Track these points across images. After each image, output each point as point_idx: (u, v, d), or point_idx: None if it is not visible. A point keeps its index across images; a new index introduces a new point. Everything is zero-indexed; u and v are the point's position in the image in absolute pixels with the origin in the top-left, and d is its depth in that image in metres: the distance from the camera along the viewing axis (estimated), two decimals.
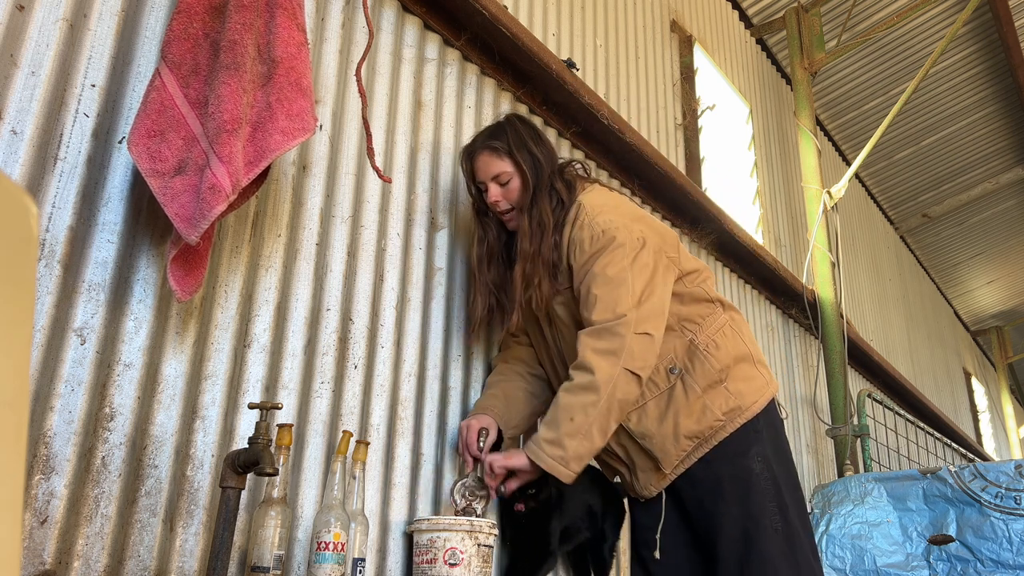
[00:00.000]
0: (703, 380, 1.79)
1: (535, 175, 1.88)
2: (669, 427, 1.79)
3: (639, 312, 1.71)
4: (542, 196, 1.86)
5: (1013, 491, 2.60)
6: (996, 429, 10.47)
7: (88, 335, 1.34)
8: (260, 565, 1.40)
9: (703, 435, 1.78)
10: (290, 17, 1.51)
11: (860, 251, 6.65)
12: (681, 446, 1.78)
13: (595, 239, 1.77)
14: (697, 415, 1.77)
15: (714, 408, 1.77)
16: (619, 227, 1.78)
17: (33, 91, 1.34)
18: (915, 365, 7.33)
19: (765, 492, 1.75)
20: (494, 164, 1.91)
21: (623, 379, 1.68)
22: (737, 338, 1.86)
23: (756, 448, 1.79)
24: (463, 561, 1.71)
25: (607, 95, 3.26)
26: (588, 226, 1.80)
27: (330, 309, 1.81)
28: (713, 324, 1.85)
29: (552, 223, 1.85)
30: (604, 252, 1.75)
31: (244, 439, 1.53)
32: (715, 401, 1.78)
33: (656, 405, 1.81)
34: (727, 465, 1.77)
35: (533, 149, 1.90)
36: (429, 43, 2.35)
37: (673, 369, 1.81)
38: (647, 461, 1.85)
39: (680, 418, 1.78)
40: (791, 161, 5.43)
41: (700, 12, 4.56)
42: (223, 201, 1.30)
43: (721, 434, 1.78)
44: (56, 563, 1.23)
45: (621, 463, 1.94)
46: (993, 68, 6.38)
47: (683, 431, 1.77)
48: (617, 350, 1.68)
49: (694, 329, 1.84)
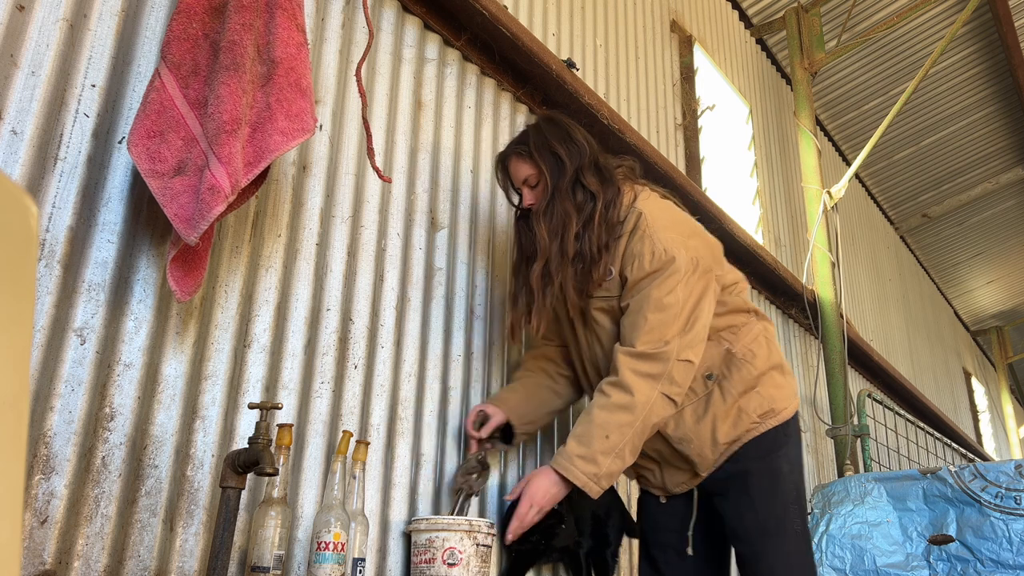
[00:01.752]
0: (739, 386, 1.81)
1: (555, 176, 1.84)
2: (707, 431, 1.80)
3: (683, 339, 1.73)
4: (563, 195, 1.82)
5: (1013, 491, 2.60)
6: (996, 429, 10.47)
7: (88, 335, 1.34)
8: (260, 565, 1.40)
9: (739, 437, 1.80)
10: (290, 17, 1.51)
11: (860, 251, 6.65)
12: (718, 450, 1.80)
13: (656, 257, 1.75)
14: (733, 419, 1.80)
15: (749, 411, 1.80)
16: (679, 248, 1.76)
17: (33, 91, 1.35)
18: (915, 365, 7.33)
19: (788, 493, 1.80)
20: (521, 168, 1.90)
21: (659, 403, 1.71)
22: (771, 348, 1.90)
23: (784, 450, 1.83)
24: (461, 561, 1.71)
25: (607, 95, 3.26)
26: (649, 240, 1.76)
27: (330, 309, 1.81)
28: (749, 334, 1.87)
29: (581, 218, 1.80)
30: (662, 275, 1.73)
31: (244, 439, 1.53)
32: (750, 404, 1.80)
33: (693, 411, 1.82)
34: (756, 462, 1.80)
35: (556, 149, 1.85)
36: (429, 43, 2.35)
37: (710, 376, 1.82)
38: (683, 462, 1.86)
39: (717, 423, 1.80)
40: (791, 161, 5.42)
41: (700, 12, 4.56)
42: (222, 202, 1.30)
43: (753, 433, 1.80)
44: (56, 563, 1.23)
45: (653, 462, 1.93)
46: (993, 68, 6.38)
47: (721, 436, 1.79)
48: (658, 375, 1.70)
49: (731, 339, 1.85)
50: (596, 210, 1.80)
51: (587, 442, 1.70)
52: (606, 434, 1.69)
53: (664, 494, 1.96)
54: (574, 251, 1.80)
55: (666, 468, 1.91)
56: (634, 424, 1.69)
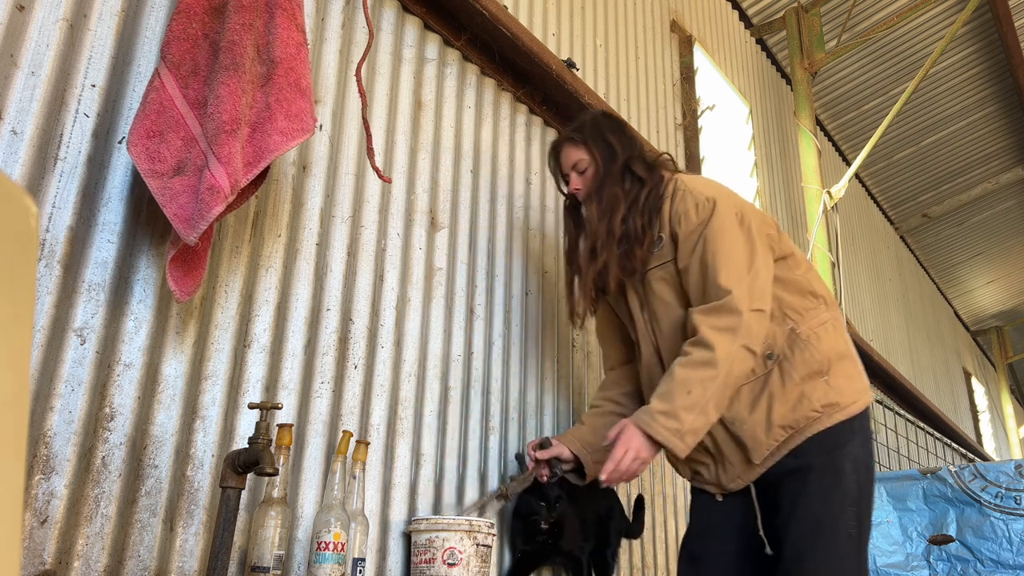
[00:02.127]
0: (802, 369, 1.73)
1: (607, 162, 1.91)
2: (762, 414, 1.72)
3: (752, 289, 1.70)
4: (613, 180, 1.88)
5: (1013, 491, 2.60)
6: (996, 429, 10.47)
7: (88, 335, 1.34)
8: (260, 565, 1.40)
9: (797, 425, 1.71)
10: (289, 17, 1.51)
11: (860, 251, 6.65)
12: (773, 435, 1.71)
13: (700, 207, 1.78)
14: (792, 403, 1.71)
15: (812, 398, 1.71)
16: (720, 195, 1.81)
17: (33, 91, 1.35)
18: (915, 365, 7.33)
19: (848, 494, 1.69)
20: (572, 153, 1.96)
21: (740, 356, 1.66)
22: (839, 336, 1.82)
23: (850, 448, 1.72)
24: (461, 561, 1.71)
25: (607, 95, 3.26)
26: (691, 196, 1.81)
27: (330, 309, 1.81)
28: (816, 318, 1.80)
29: (627, 201, 1.86)
30: (711, 221, 1.76)
31: (244, 439, 1.53)
32: (814, 392, 1.71)
33: (750, 390, 1.75)
34: (819, 457, 1.70)
35: (609, 138, 1.93)
36: (429, 43, 2.35)
37: (771, 355, 1.75)
38: (737, 451, 1.78)
39: (775, 404, 1.71)
40: (791, 161, 5.43)
41: (700, 12, 4.56)
42: (222, 202, 1.30)
43: (816, 426, 1.70)
44: (56, 563, 1.23)
45: (707, 454, 1.85)
46: (993, 68, 6.38)
47: (776, 419, 1.71)
48: (735, 327, 1.66)
49: (796, 319, 1.78)
50: (642, 194, 1.86)
51: (669, 399, 1.66)
52: (688, 390, 1.64)
53: (720, 491, 1.86)
54: (620, 232, 1.84)
55: (721, 461, 1.82)
56: (716, 379, 1.64)
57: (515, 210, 2.53)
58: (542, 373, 2.45)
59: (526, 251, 2.53)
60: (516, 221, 2.52)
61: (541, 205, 2.66)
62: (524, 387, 2.37)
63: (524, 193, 2.59)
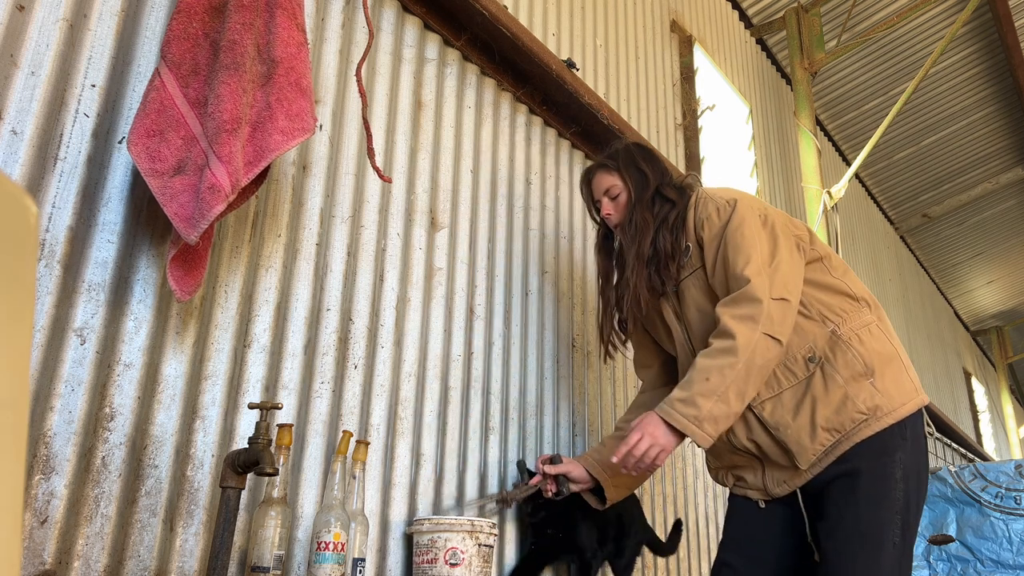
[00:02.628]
0: (846, 371, 1.69)
1: (639, 189, 1.96)
2: (806, 418, 1.68)
3: (774, 279, 1.70)
4: (643, 206, 1.94)
5: (1013, 491, 2.60)
6: (996, 429, 10.47)
7: (88, 335, 1.34)
8: (260, 565, 1.40)
9: (843, 428, 1.66)
10: (290, 17, 1.51)
11: (860, 251, 6.66)
12: (819, 439, 1.67)
13: (721, 210, 1.83)
14: (836, 406, 1.67)
15: (857, 400, 1.66)
16: (741, 197, 1.85)
17: (33, 91, 1.35)
18: (915, 365, 7.31)
19: (896, 503, 1.64)
20: (605, 179, 2.01)
21: (763, 343, 1.64)
22: (885, 338, 1.77)
23: (901, 454, 1.66)
24: (464, 561, 1.71)
25: (607, 95, 3.26)
26: (712, 200, 1.86)
27: (330, 309, 1.81)
28: (858, 319, 1.76)
29: (656, 222, 1.91)
30: (731, 220, 1.80)
31: (244, 439, 1.53)
32: (859, 394, 1.67)
33: (792, 395, 1.72)
34: (867, 462, 1.65)
35: (642, 166, 1.99)
36: (429, 43, 2.35)
37: (812, 358, 1.72)
38: (783, 456, 1.74)
39: (818, 407, 1.67)
40: (791, 161, 5.43)
41: (700, 12, 4.56)
42: (222, 201, 1.30)
43: (864, 431, 1.65)
44: (56, 563, 1.23)
45: (752, 459, 1.82)
46: (993, 68, 6.38)
47: (820, 422, 1.67)
48: (756, 315, 1.65)
49: (836, 321, 1.75)
50: (672, 214, 1.91)
51: (687, 386, 1.66)
52: (706, 377, 1.64)
53: (764, 497, 1.82)
54: (649, 253, 1.89)
55: (767, 466, 1.79)
56: (736, 365, 1.62)
57: (515, 210, 2.53)
58: (542, 373, 2.45)
59: (526, 251, 2.53)
60: (516, 221, 2.52)
61: (541, 205, 2.66)
62: (524, 387, 2.37)
63: (524, 193, 2.59)
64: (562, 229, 2.73)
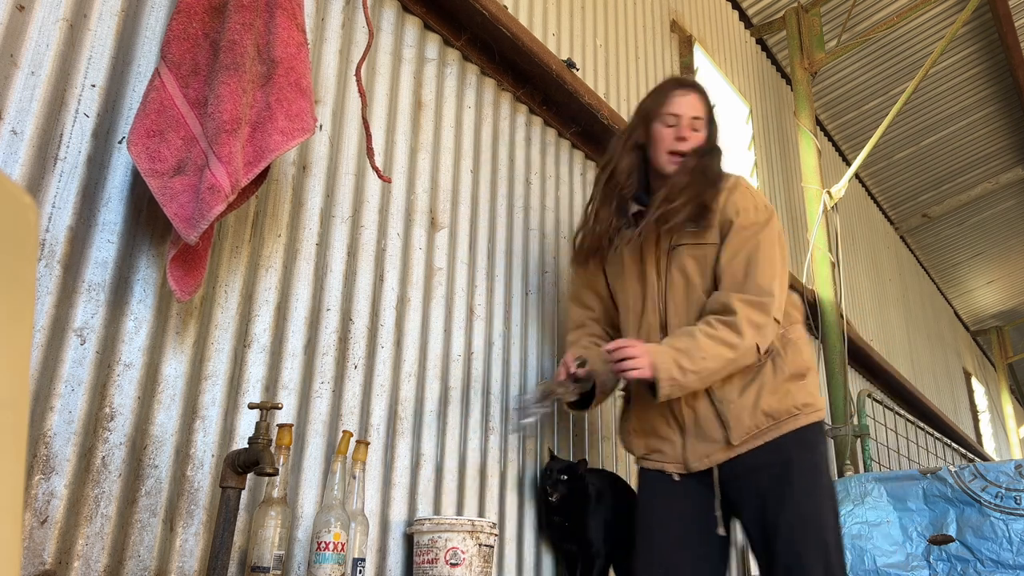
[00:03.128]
0: (790, 368, 1.87)
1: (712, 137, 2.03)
2: (750, 399, 1.84)
3: (781, 301, 1.86)
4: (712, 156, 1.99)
5: (1013, 491, 2.60)
6: (996, 429, 10.46)
7: (88, 335, 1.34)
8: (260, 565, 1.40)
9: (779, 416, 1.83)
10: (290, 17, 1.51)
11: (860, 251, 6.65)
12: (756, 420, 1.83)
13: (759, 210, 1.92)
14: (780, 396, 1.84)
15: (795, 395, 1.85)
16: (774, 213, 1.96)
17: (33, 91, 1.35)
18: (915, 365, 7.33)
19: (828, 490, 1.83)
20: (700, 107, 2.03)
21: (751, 353, 1.81)
22: (810, 351, 1.99)
23: (822, 448, 1.89)
24: (464, 561, 1.71)
25: (607, 95, 3.26)
26: (752, 196, 1.93)
27: (330, 309, 1.81)
28: (797, 331, 1.97)
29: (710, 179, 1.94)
30: (767, 227, 1.90)
31: (244, 439, 1.53)
32: (798, 391, 1.86)
33: (741, 377, 1.86)
34: (799, 451, 1.83)
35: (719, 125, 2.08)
36: (429, 43, 2.35)
37: (768, 350, 1.87)
38: (718, 429, 1.85)
39: (763, 392, 1.84)
40: (791, 161, 5.42)
41: (700, 12, 4.56)
42: (222, 201, 1.30)
43: (794, 423, 1.83)
44: (56, 563, 1.23)
45: (677, 430, 1.92)
46: (993, 68, 6.38)
47: (763, 406, 1.83)
48: (763, 327, 1.81)
49: (786, 325, 1.93)
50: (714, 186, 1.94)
51: (689, 356, 1.76)
52: (703, 356, 1.76)
53: (680, 469, 1.90)
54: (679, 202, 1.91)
55: (691, 438, 1.88)
56: (729, 360, 1.78)
57: (515, 210, 2.53)
58: (542, 373, 2.45)
59: (526, 251, 2.53)
60: (516, 221, 2.52)
61: (541, 205, 2.66)
62: (524, 387, 2.37)
63: (524, 193, 2.59)
64: (562, 229, 2.72)
